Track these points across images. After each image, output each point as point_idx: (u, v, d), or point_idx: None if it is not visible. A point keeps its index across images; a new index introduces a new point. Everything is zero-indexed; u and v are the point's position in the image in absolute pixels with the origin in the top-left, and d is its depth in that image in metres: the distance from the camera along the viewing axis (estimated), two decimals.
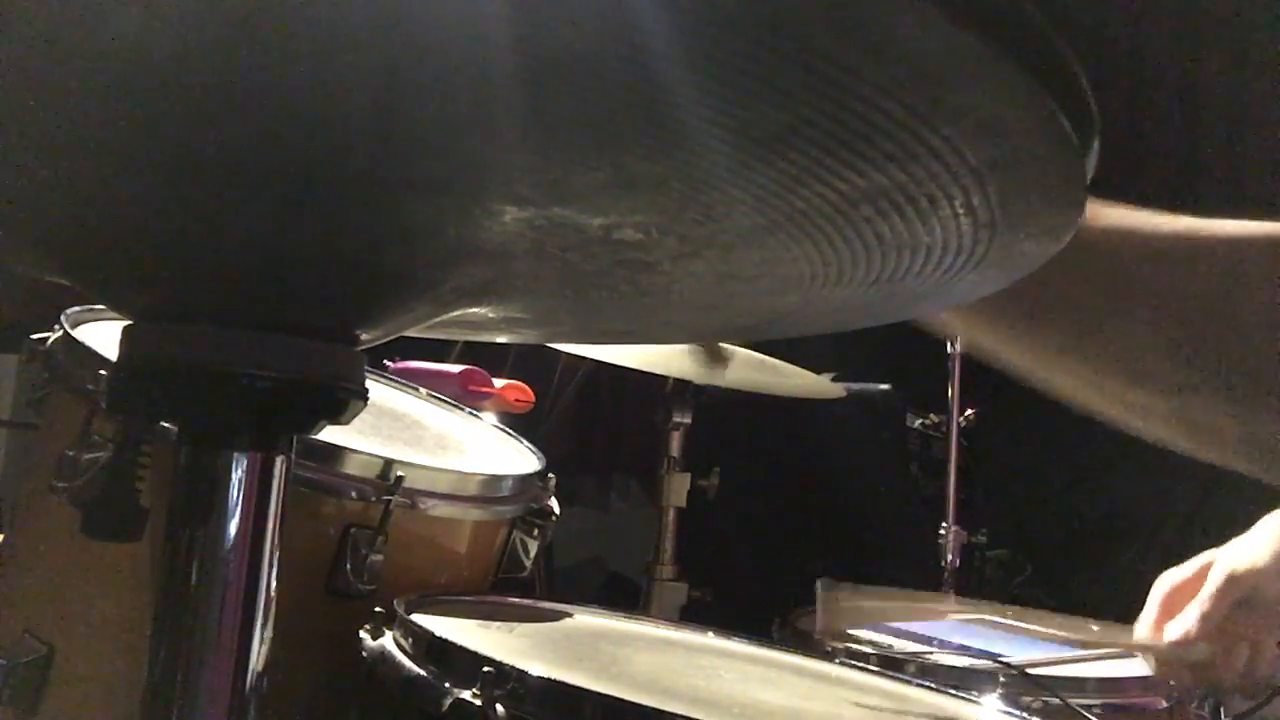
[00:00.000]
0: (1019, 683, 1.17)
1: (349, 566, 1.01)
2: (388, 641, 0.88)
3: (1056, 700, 1.15)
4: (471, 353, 1.77)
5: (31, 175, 0.45)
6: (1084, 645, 1.31)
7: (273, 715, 0.56)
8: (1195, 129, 2.69)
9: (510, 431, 1.40)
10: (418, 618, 0.88)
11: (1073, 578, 2.63)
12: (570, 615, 1.12)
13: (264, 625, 0.54)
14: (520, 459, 1.31)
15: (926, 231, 0.43)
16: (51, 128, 0.41)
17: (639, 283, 0.52)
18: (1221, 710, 1.31)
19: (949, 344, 1.85)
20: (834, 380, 2.02)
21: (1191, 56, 2.68)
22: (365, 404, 0.55)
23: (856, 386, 1.58)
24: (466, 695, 0.75)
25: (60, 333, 1.06)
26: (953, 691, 1.04)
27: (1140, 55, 2.74)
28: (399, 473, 1.03)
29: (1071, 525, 2.71)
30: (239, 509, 0.53)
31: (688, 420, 1.85)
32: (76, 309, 1.09)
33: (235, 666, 0.53)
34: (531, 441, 1.36)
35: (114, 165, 0.43)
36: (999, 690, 1.16)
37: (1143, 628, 1.11)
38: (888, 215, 0.41)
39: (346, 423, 0.54)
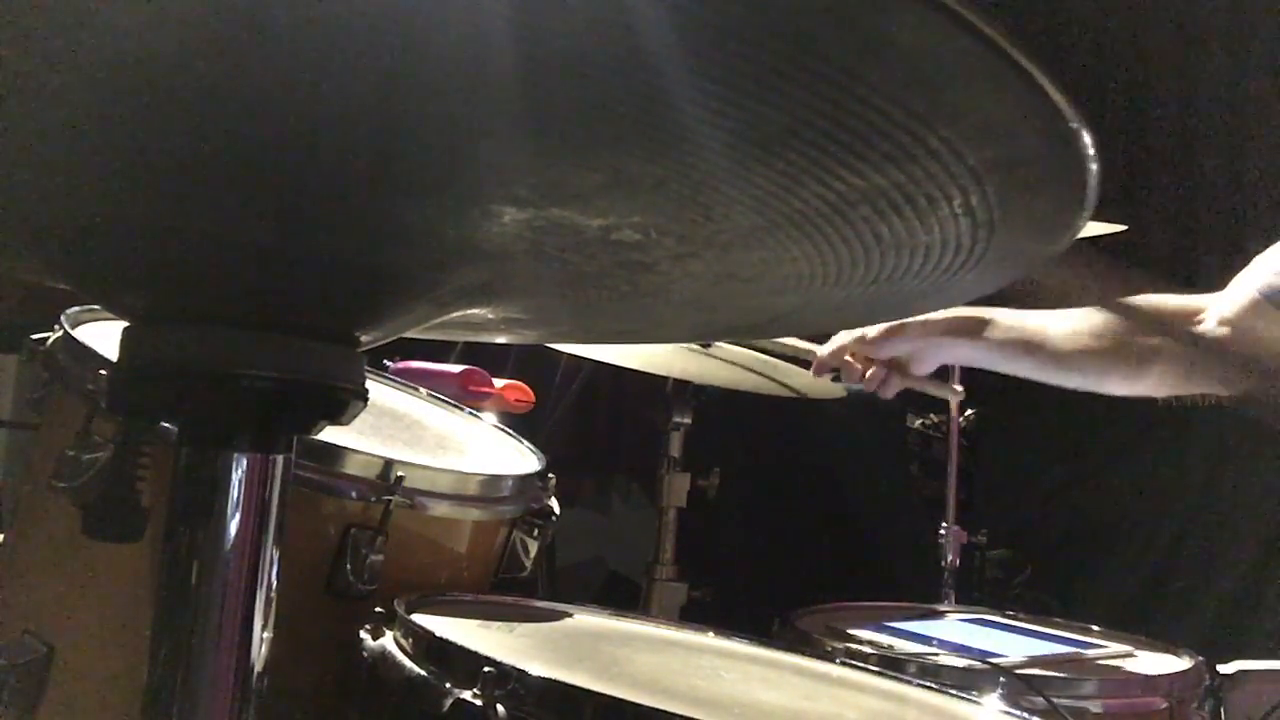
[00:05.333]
0: (1018, 683, 1.17)
1: (349, 566, 1.01)
2: (388, 641, 0.88)
3: (1058, 701, 1.14)
4: (472, 353, 1.77)
5: (31, 178, 0.45)
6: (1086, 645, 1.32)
7: (273, 715, 0.56)
8: (1195, 127, 2.69)
9: (510, 431, 1.40)
10: (418, 618, 0.88)
11: (1073, 578, 2.63)
12: (570, 615, 1.12)
13: (264, 625, 0.54)
14: (520, 459, 1.31)
15: (925, 231, 0.43)
16: (51, 129, 0.41)
17: (638, 283, 0.52)
18: (1222, 711, 1.31)
19: None
20: (834, 380, 2.02)
21: (1191, 56, 2.68)
22: (365, 404, 0.55)
23: (856, 386, 1.58)
24: (467, 695, 0.75)
25: (60, 333, 1.06)
26: (953, 692, 1.04)
27: (1140, 55, 2.74)
28: (399, 473, 1.04)
29: (1071, 525, 2.71)
30: (239, 509, 0.53)
31: (688, 420, 1.84)
32: (76, 309, 1.09)
33: (235, 666, 0.53)
34: (531, 441, 1.36)
35: (114, 167, 0.43)
36: (999, 690, 1.16)
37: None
38: (886, 215, 0.41)
39: (346, 423, 0.54)
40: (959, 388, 1.63)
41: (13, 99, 0.39)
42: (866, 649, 1.28)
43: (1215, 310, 1.32)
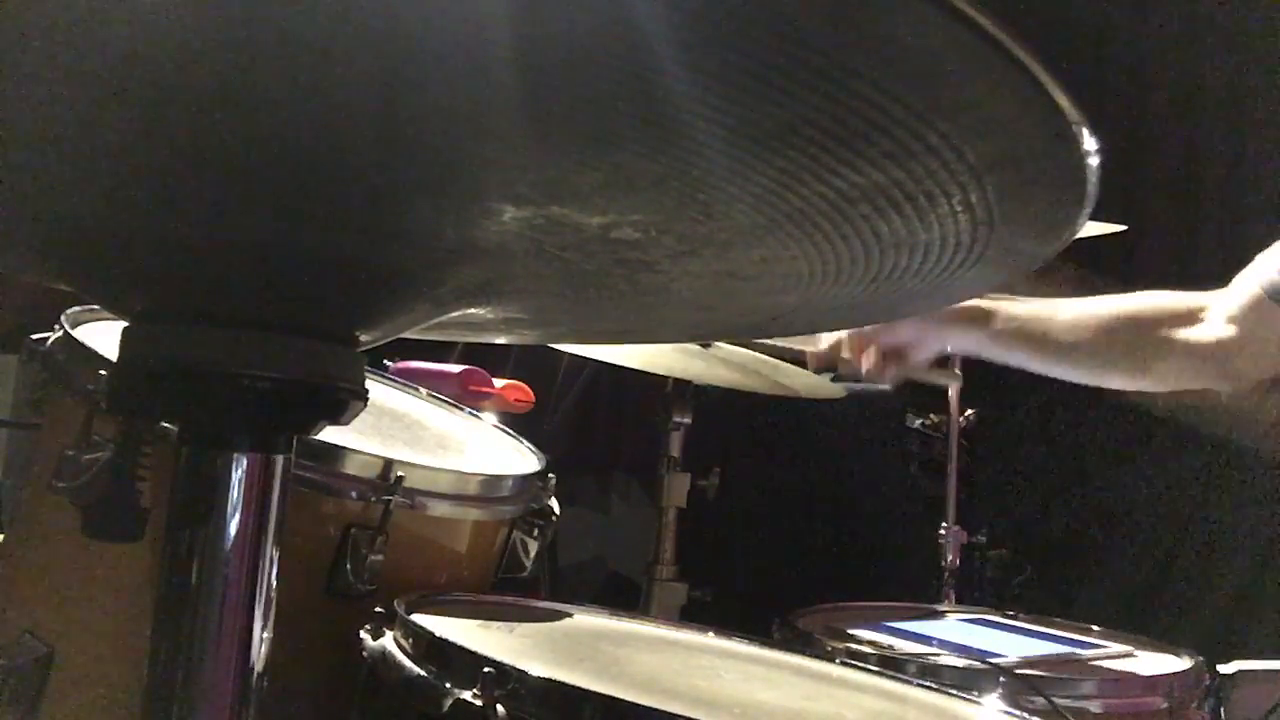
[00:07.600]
0: (1018, 683, 1.17)
1: (349, 566, 1.01)
2: (388, 641, 0.88)
3: (1058, 701, 1.14)
4: (472, 353, 1.77)
5: (32, 178, 0.45)
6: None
7: (273, 715, 0.56)
8: (1195, 129, 2.69)
9: (510, 431, 1.40)
10: (418, 618, 0.88)
11: (1073, 578, 2.62)
12: (570, 615, 1.12)
13: (264, 625, 0.54)
14: (520, 459, 1.31)
15: (924, 229, 0.43)
16: (52, 129, 0.41)
17: (638, 282, 0.52)
18: (1222, 711, 1.31)
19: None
20: (834, 380, 2.02)
21: (1191, 56, 2.68)
22: (365, 404, 0.55)
23: (856, 386, 1.58)
24: (467, 696, 0.75)
25: (60, 333, 1.06)
26: (953, 692, 1.04)
27: (1140, 55, 2.74)
28: (399, 473, 1.03)
29: (1071, 525, 2.71)
30: (239, 509, 0.53)
31: (688, 420, 1.85)
32: (76, 309, 1.09)
33: (235, 667, 0.53)
34: (532, 441, 1.36)
35: (114, 167, 0.43)
36: (999, 690, 1.16)
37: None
38: (886, 213, 0.41)
39: (346, 423, 0.54)
40: (958, 373, 1.62)
41: (13, 99, 0.39)
42: (866, 649, 1.28)
43: (1219, 307, 1.32)
